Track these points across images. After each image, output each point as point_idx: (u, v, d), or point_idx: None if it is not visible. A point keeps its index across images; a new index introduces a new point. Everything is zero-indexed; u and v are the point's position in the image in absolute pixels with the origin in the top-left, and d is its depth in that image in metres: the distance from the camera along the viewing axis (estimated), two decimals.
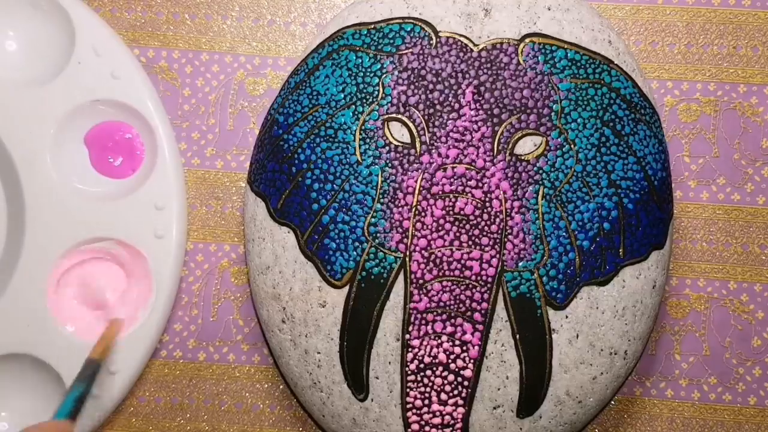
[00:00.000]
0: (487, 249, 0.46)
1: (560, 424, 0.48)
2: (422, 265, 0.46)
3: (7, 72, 0.56)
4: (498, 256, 0.46)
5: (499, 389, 0.47)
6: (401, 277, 0.46)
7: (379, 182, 0.46)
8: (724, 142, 0.57)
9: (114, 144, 0.57)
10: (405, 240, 0.46)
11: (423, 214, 0.46)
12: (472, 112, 0.46)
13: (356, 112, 0.47)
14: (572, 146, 0.46)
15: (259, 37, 0.57)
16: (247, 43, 0.57)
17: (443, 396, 0.47)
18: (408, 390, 0.47)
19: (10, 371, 0.55)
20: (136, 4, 0.57)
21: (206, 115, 0.58)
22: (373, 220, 0.46)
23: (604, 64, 0.48)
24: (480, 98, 0.46)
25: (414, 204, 0.46)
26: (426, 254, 0.46)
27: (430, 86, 0.46)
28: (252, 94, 0.57)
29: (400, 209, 0.46)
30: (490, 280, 0.46)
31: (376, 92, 0.47)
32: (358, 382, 0.48)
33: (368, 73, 0.47)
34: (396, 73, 0.47)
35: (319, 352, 0.48)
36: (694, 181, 0.57)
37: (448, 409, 0.47)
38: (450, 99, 0.46)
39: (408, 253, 0.46)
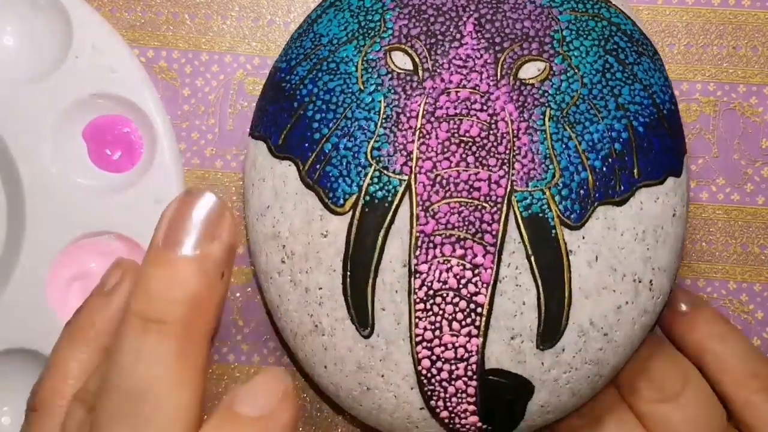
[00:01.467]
0: (495, 169, 0.44)
1: (586, 361, 0.44)
2: (428, 187, 0.44)
3: (4, 67, 0.56)
4: (507, 176, 0.44)
5: (515, 316, 0.43)
6: (406, 200, 0.44)
7: (382, 108, 0.45)
8: (723, 142, 0.57)
9: (113, 138, 0.56)
10: (409, 163, 0.45)
11: (427, 136, 0.45)
12: (474, 41, 0.46)
13: (358, 46, 0.47)
14: (576, 71, 0.46)
15: (259, 37, 0.58)
16: (247, 43, 0.58)
17: (455, 325, 0.43)
18: (417, 321, 0.43)
19: (12, 366, 0.54)
20: (135, 4, 0.58)
21: (206, 115, 0.58)
22: (376, 144, 0.45)
23: (602, 1, 0.48)
24: (481, 29, 0.46)
25: (418, 127, 0.45)
26: (432, 176, 0.44)
27: (431, 19, 0.47)
28: (252, 94, 0.58)
29: (403, 132, 0.45)
30: (499, 199, 0.44)
31: (378, 27, 0.47)
32: (362, 315, 0.44)
33: (370, 12, 0.47)
34: (397, 9, 0.47)
35: (320, 288, 0.45)
36: (694, 181, 0.57)
37: (461, 340, 0.43)
38: (452, 29, 0.46)
39: (413, 176, 0.44)
